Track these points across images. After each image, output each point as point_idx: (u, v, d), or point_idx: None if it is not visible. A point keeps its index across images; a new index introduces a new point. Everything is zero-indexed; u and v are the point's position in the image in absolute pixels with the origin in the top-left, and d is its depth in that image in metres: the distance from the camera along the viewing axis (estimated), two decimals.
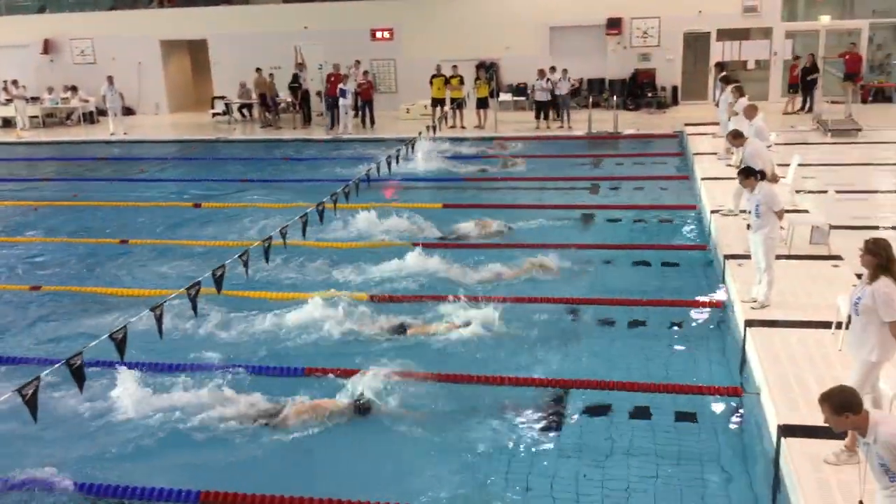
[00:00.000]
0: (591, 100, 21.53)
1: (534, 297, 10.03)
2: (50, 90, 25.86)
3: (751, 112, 13.10)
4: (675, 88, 24.18)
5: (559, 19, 23.98)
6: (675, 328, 9.02)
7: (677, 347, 8.56)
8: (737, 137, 11.30)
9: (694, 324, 9.02)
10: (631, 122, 21.31)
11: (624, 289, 10.25)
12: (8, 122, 24.86)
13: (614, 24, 23.74)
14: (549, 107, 21.44)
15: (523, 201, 14.87)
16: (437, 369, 8.10)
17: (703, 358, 8.27)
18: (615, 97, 21.67)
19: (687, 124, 20.02)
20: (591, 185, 15.72)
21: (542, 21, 24.07)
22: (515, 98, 24.60)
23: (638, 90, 23.98)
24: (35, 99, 25.82)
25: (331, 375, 8.10)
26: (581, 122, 21.06)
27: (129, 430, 7.36)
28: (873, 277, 5.78)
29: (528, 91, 23.95)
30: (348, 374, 8.00)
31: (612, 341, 8.85)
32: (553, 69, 21.39)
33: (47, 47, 26.92)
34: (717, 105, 18.01)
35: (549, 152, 19.08)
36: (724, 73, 18.72)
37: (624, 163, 17.61)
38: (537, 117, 21.56)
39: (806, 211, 11.29)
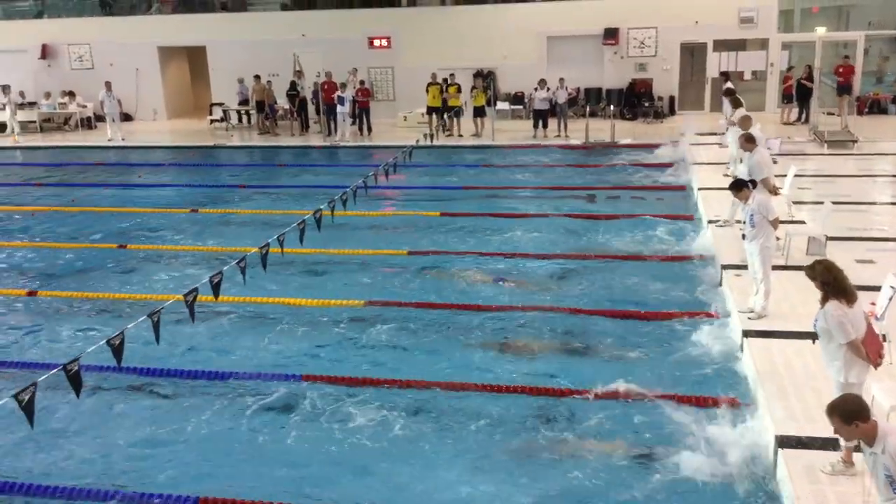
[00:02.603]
0: (588, 109, 21.60)
1: (528, 305, 10.05)
2: (47, 95, 25.85)
3: (745, 123, 13.14)
4: (671, 98, 24.27)
5: (557, 29, 24.07)
6: (672, 338, 9.03)
7: (673, 358, 8.56)
8: (749, 141, 11.29)
9: (690, 334, 9.02)
10: (628, 132, 21.38)
11: (620, 299, 10.25)
12: (4, 127, 24.78)
13: (611, 34, 23.83)
14: (549, 116, 21.51)
15: (521, 210, 14.88)
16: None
17: (700, 368, 8.27)
18: (612, 107, 21.74)
19: (683, 134, 20.10)
20: (588, 195, 15.75)
21: (539, 30, 24.16)
22: (513, 107, 24.67)
23: (635, 100, 24.05)
24: (32, 104, 25.79)
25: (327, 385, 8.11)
26: (578, 131, 21.12)
27: (127, 436, 7.35)
28: (823, 301, 5.89)
29: (526, 100, 24.03)
30: (354, 382, 8.02)
31: (608, 352, 8.83)
32: (543, 81, 21.36)
33: (45, 52, 26.92)
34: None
35: (547, 161, 19.12)
36: (727, 85, 18.79)
37: (621, 172, 17.64)
38: (535, 126, 21.62)
39: (802, 222, 11.33)
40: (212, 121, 25.29)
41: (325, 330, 9.59)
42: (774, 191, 10.85)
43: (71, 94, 25.76)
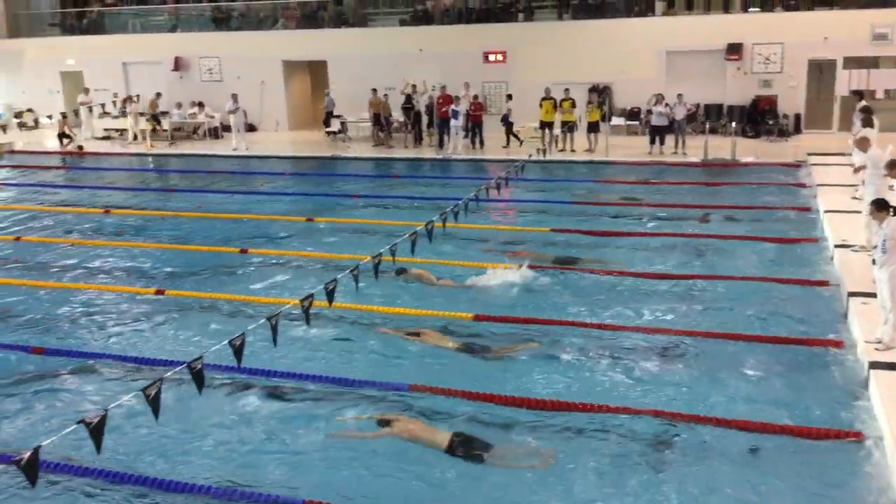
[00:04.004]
0: (707, 126, 21.02)
1: (638, 326, 9.84)
2: (179, 105, 27.34)
3: (862, 144, 12.46)
4: (797, 116, 23.28)
5: (677, 44, 23.55)
6: (793, 366, 8.63)
7: (795, 388, 8.17)
8: (863, 142, 10.64)
9: (814, 363, 8.61)
10: (750, 150, 20.66)
11: (737, 323, 9.89)
12: (141, 135, 26.31)
13: (734, 50, 23.11)
14: (665, 132, 21.06)
15: (632, 228, 14.61)
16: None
17: (823, 400, 7.87)
18: (733, 123, 21.08)
19: (810, 154, 19.27)
20: (704, 214, 15.29)
21: (659, 46, 23.71)
22: (628, 122, 24.29)
23: (758, 117, 23.22)
24: (165, 113, 27.33)
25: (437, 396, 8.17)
26: (696, 148, 20.58)
27: (241, 434, 7.64)
28: None
29: (642, 115, 23.61)
30: (447, 393, 8.08)
31: (724, 378, 8.52)
32: (660, 96, 20.97)
33: (178, 65, 28.43)
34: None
35: (662, 178, 18.71)
36: (863, 104, 17.88)
37: (741, 191, 17.06)
38: (651, 142, 21.22)
39: None
40: (329, 132, 26.05)
41: (438, 340, 9.63)
42: None
43: (200, 105, 27.12)
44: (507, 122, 23.39)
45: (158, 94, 26.88)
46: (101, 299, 11.61)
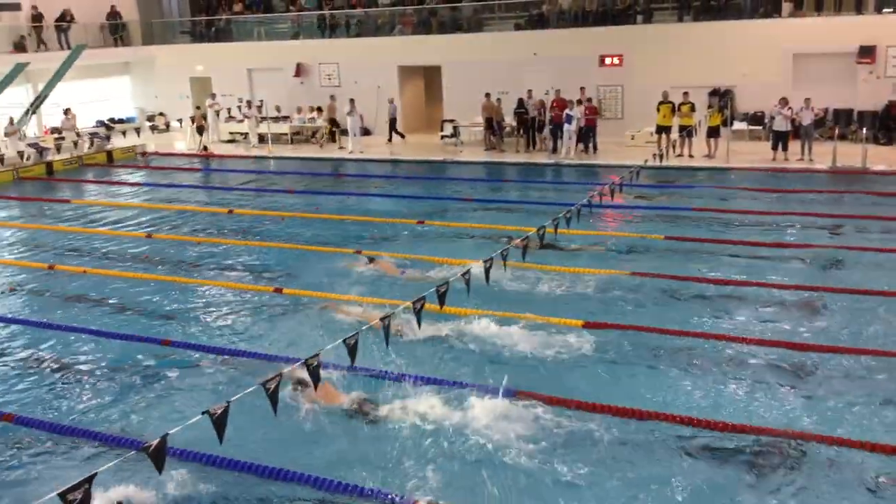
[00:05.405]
0: (836, 131, 20.00)
1: (766, 339, 9.47)
2: (299, 110, 28.26)
3: None
4: None
5: (805, 46, 22.49)
6: None
7: None
8: None
9: None
10: (882, 158, 19.51)
11: (877, 338, 9.40)
12: (262, 139, 27.35)
13: (867, 52, 21.88)
14: (789, 137, 20.17)
15: (754, 237, 14.05)
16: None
17: None
18: (865, 130, 19.96)
19: None
20: (833, 225, 14.54)
21: (785, 48, 22.71)
22: (751, 127, 23.40)
23: (891, 123, 21.88)
24: (286, 118, 28.30)
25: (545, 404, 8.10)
26: (824, 155, 19.61)
27: (348, 427, 7.81)
28: None
29: (766, 120, 22.69)
30: (554, 402, 8.00)
31: (853, 396, 8.09)
32: (784, 100, 20.09)
33: (299, 71, 29.38)
34: None
35: (786, 186, 17.93)
36: None
37: (872, 202, 16.14)
38: (774, 148, 20.37)
39: None
40: (442, 136, 26.32)
41: (544, 346, 9.57)
42: None
43: (318, 110, 27.93)
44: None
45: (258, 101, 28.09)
46: (225, 295, 12.14)
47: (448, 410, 7.97)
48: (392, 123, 26.51)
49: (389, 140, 26.50)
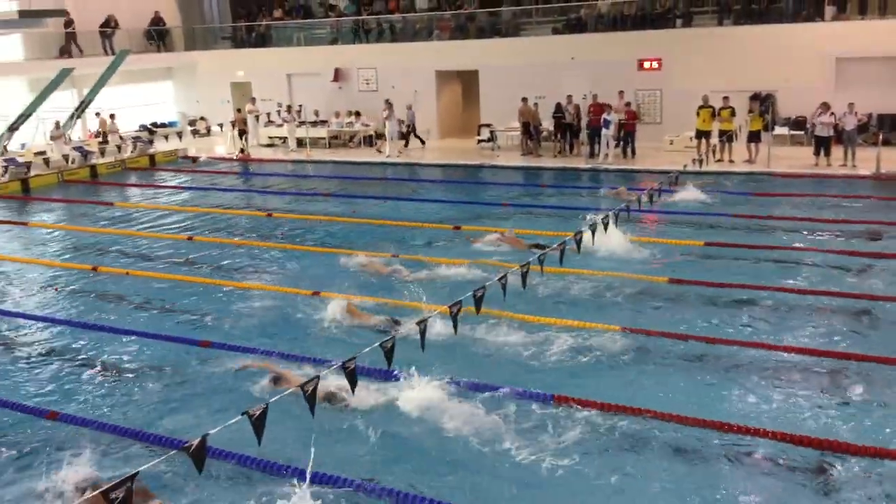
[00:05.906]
0: (880, 137, 19.61)
1: (793, 347, 9.33)
2: (337, 115, 28.49)
3: None
4: None
5: (848, 50, 22.10)
6: None
7: None
8: None
9: None
10: None
11: None
12: (301, 143, 27.64)
13: None
14: (832, 143, 19.82)
15: (794, 243, 13.84)
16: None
17: None
18: None
19: None
20: (873, 231, 14.27)
21: (827, 52, 22.33)
22: (792, 132, 23.04)
23: None
24: (324, 122, 28.55)
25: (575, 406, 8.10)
26: (868, 160, 19.24)
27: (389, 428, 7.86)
28: None
29: (808, 125, 22.32)
30: (585, 405, 7.98)
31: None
32: (826, 105, 19.74)
33: (337, 76, 29.62)
34: None
35: (828, 192, 17.63)
36: None
37: None
38: (816, 153, 20.05)
39: None
40: (479, 141, 26.32)
41: (579, 352, 9.53)
42: None
43: (357, 114, 28.14)
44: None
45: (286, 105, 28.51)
46: (263, 298, 12.25)
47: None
48: (410, 129, 26.57)
49: (406, 145, 26.54)
